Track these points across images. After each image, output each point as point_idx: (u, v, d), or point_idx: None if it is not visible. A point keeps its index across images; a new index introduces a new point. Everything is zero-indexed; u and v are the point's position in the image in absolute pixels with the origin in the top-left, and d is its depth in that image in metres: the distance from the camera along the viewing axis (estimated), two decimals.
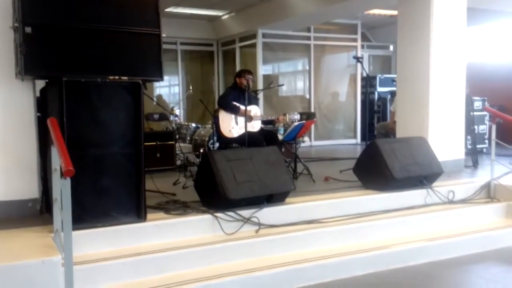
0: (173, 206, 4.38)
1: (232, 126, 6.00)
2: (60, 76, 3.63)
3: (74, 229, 2.94)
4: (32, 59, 3.63)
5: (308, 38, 11.12)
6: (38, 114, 4.33)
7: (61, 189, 2.91)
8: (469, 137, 7.57)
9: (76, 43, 3.77)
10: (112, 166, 3.84)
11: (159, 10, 4.00)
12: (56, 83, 3.69)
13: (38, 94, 4.34)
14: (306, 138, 10.28)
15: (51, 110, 4.00)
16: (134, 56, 3.98)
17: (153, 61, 4.03)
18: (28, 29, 3.59)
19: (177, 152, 7.09)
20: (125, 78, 3.87)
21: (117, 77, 3.84)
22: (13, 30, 3.85)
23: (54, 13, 3.69)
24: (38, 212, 4.25)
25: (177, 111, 8.55)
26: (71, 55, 3.75)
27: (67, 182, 2.85)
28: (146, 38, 3.98)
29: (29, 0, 3.61)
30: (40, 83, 4.30)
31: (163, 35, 4.03)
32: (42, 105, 4.27)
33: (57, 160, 3.12)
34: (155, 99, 10.50)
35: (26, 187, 4.22)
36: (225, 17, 11.09)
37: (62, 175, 2.86)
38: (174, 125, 7.78)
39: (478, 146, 7.91)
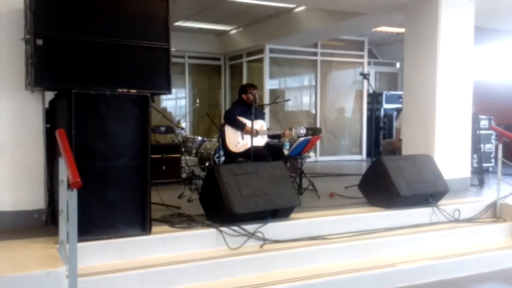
0: (178, 219, 4.38)
1: (238, 140, 6.01)
2: (69, 88, 3.67)
3: (79, 240, 2.94)
4: (42, 71, 3.67)
5: (315, 54, 11.17)
6: (47, 125, 4.37)
7: (68, 200, 2.93)
8: (475, 155, 7.53)
9: (86, 56, 3.81)
10: (119, 178, 3.86)
11: (169, 25, 4.04)
12: (66, 95, 3.72)
13: (47, 106, 4.38)
14: (311, 153, 10.26)
15: (59, 122, 4.03)
16: (143, 69, 4.01)
17: (161, 74, 4.05)
18: (39, 41, 3.63)
19: (183, 165, 7.10)
20: (133, 91, 3.89)
21: (125, 90, 3.87)
22: (24, 42, 3.91)
23: (65, 26, 3.74)
24: (43, 223, 4.26)
25: (183, 124, 8.58)
26: (81, 67, 3.79)
27: (74, 193, 2.86)
28: (155, 52, 4.02)
29: (41, 13, 3.67)
30: (49, 95, 4.33)
31: (172, 49, 4.06)
32: (51, 117, 4.31)
33: (65, 171, 3.13)
34: (167, 111, 10.50)
35: (33, 198, 4.24)
36: (233, 32, 11.17)
37: (69, 186, 2.87)
38: (180, 138, 7.81)
39: (484, 165, 7.86)
